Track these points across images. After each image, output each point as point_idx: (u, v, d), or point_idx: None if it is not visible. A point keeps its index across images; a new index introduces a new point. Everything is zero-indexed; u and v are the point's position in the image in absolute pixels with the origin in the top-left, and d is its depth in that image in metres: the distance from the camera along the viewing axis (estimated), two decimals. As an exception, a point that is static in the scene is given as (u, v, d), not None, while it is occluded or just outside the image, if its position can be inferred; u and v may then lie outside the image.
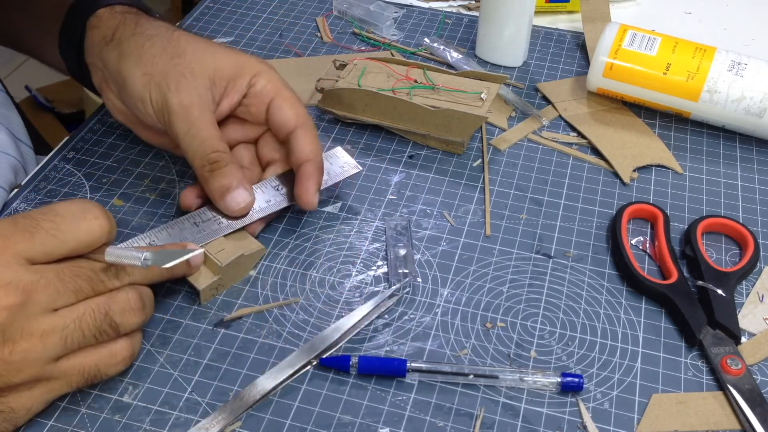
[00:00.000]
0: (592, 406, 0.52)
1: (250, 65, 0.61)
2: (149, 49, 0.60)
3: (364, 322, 0.55)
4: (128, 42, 0.60)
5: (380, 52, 0.81)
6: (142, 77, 0.59)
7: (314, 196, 0.59)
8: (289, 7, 0.89)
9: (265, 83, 0.61)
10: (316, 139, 0.61)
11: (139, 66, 0.59)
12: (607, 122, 0.74)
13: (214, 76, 0.60)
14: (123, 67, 0.60)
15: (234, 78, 0.61)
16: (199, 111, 0.58)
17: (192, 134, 0.57)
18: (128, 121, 0.64)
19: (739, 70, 0.69)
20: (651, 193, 0.67)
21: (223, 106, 0.61)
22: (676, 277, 0.58)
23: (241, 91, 0.61)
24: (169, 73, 0.58)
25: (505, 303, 0.58)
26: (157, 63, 0.59)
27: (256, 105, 0.61)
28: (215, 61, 0.60)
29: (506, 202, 0.66)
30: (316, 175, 0.59)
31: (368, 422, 0.50)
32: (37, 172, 0.67)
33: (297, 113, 0.61)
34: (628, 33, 0.72)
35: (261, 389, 0.51)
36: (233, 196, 0.57)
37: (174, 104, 0.57)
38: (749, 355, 0.55)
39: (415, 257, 0.61)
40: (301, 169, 0.59)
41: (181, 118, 0.57)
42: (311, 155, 0.60)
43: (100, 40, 0.62)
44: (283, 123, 0.61)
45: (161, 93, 0.58)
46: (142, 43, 0.60)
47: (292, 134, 0.60)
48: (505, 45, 0.80)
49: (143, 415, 0.50)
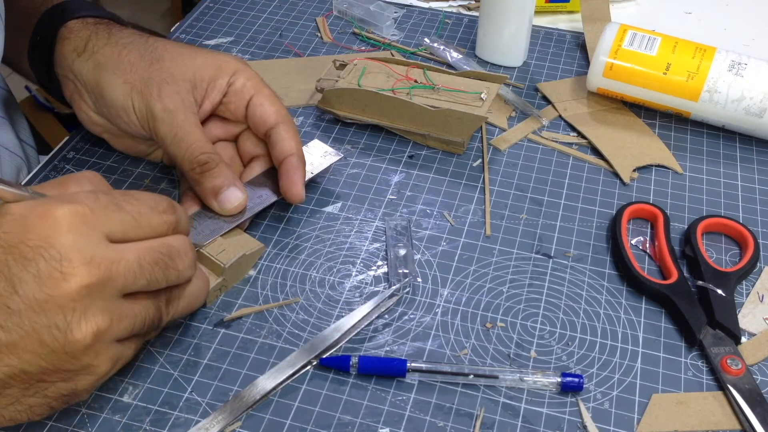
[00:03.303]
0: (592, 406, 0.52)
1: (228, 65, 0.62)
2: (126, 56, 0.60)
3: (364, 322, 0.56)
4: (102, 52, 0.60)
5: (380, 52, 0.81)
6: (123, 86, 0.59)
7: (301, 189, 0.60)
8: (289, 7, 0.89)
9: (244, 81, 0.62)
10: (296, 134, 0.61)
11: (118, 74, 0.59)
12: (607, 122, 0.74)
13: (194, 79, 0.60)
14: (101, 77, 0.60)
15: (214, 79, 0.61)
16: (184, 115, 0.58)
17: (179, 138, 0.58)
18: (104, 132, 0.64)
19: (739, 70, 0.69)
20: (651, 193, 0.67)
21: (205, 107, 0.61)
22: (676, 277, 0.58)
23: (222, 91, 0.62)
24: (151, 80, 0.59)
25: (505, 303, 0.58)
26: (137, 70, 0.59)
27: (235, 102, 0.62)
28: (194, 64, 0.61)
29: (506, 202, 0.66)
30: (300, 168, 0.60)
31: (368, 422, 0.50)
32: (38, 172, 0.67)
33: (277, 110, 0.61)
34: (628, 33, 0.72)
35: (261, 389, 0.51)
36: (226, 196, 0.58)
37: (158, 110, 0.58)
38: (749, 355, 0.55)
39: (415, 257, 0.61)
40: (285, 163, 0.60)
41: (167, 124, 0.58)
42: (294, 149, 0.60)
43: (71, 51, 0.62)
44: (264, 119, 0.61)
45: (144, 100, 0.58)
46: (118, 51, 0.60)
47: (273, 130, 0.61)
48: (505, 45, 0.80)
49: (143, 415, 0.50)
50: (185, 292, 0.50)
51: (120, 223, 0.45)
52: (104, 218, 0.45)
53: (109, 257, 0.44)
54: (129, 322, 0.45)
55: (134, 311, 0.45)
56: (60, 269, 0.42)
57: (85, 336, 0.43)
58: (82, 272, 0.42)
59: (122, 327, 0.45)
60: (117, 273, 0.44)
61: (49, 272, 0.42)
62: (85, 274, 0.42)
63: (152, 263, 0.46)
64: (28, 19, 0.66)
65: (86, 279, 0.42)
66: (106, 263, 0.43)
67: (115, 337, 0.45)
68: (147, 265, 0.45)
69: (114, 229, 0.45)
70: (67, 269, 0.42)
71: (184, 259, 0.48)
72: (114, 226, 0.45)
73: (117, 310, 0.44)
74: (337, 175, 0.68)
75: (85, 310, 0.43)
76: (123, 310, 0.45)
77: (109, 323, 0.44)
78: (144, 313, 0.46)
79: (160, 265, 0.46)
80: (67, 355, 0.43)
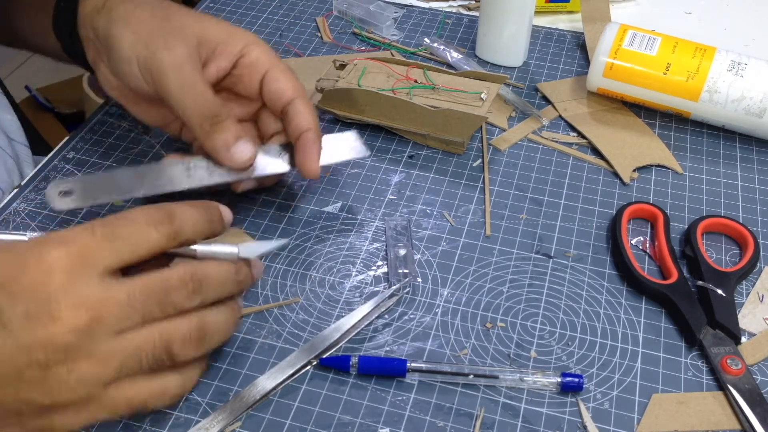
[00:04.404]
0: (592, 406, 0.52)
1: (241, 34, 0.61)
2: (139, 14, 0.59)
3: (364, 322, 0.56)
4: (117, 8, 0.60)
5: (380, 52, 0.81)
6: (130, 36, 0.58)
7: (316, 163, 0.59)
8: (289, 7, 0.89)
9: (259, 54, 0.60)
10: (313, 110, 0.60)
11: (127, 28, 0.58)
12: (607, 122, 0.74)
13: (202, 37, 0.59)
14: (111, 30, 0.59)
15: (223, 42, 0.60)
16: (191, 67, 0.57)
17: (186, 90, 0.56)
18: (121, 96, 0.63)
19: (739, 70, 0.69)
20: (651, 193, 0.67)
21: (210, 69, 0.60)
22: (676, 277, 0.58)
23: (230, 59, 0.60)
24: (158, 33, 0.58)
25: (505, 303, 0.58)
26: (146, 25, 0.58)
27: (249, 76, 0.61)
28: (204, 25, 0.60)
29: (506, 202, 0.66)
30: (317, 143, 0.59)
31: (368, 422, 0.50)
32: (38, 172, 0.67)
33: (294, 85, 0.60)
34: (628, 33, 0.72)
35: (261, 389, 0.51)
36: (239, 147, 0.57)
37: (165, 62, 0.57)
38: (749, 355, 0.55)
39: (415, 257, 0.61)
40: (302, 137, 0.59)
41: (174, 76, 0.56)
42: (311, 124, 0.59)
43: (92, 9, 0.62)
44: (281, 94, 0.60)
45: (150, 51, 0.57)
46: (132, 8, 0.60)
47: (290, 105, 0.60)
48: (505, 45, 0.80)
49: (143, 415, 0.50)
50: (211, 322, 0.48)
51: (116, 253, 0.45)
52: (99, 254, 0.45)
53: (100, 298, 0.44)
54: (118, 361, 0.45)
55: (127, 349, 0.45)
56: (49, 312, 0.43)
57: (68, 380, 0.43)
58: (69, 315, 0.43)
59: (108, 367, 0.44)
60: (107, 314, 0.44)
61: (38, 314, 0.43)
62: (72, 317, 0.43)
63: (144, 299, 0.45)
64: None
65: (73, 322, 0.43)
66: (95, 305, 0.43)
67: (97, 379, 0.44)
68: (138, 302, 0.45)
69: (110, 262, 0.45)
70: (55, 312, 0.43)
71: (180, 291, 0.46)
72: (110, 259, 0.45)
73: (104, 349, 0.44)
74: (337, 175, 0.68)
75: (72, 354, 0.43)
76: (110, 348, 0.44)
77: (92, 365, 0.44)
78: (142, 346, 0.45)
79: (154, 299, 0.45)
80: (48, 394, 0.44)
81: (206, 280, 0.48)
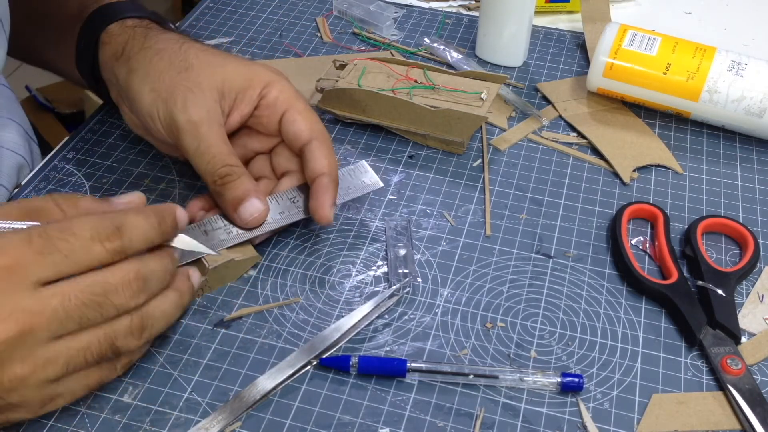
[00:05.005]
0: (592, 406, 0.52)
1: (260, 76, 0.60)
2: (157, 63, 0.59)
3: (364, 322, 0.56)
4: (136, 58, 0.60)
5: (380, 52, 0.81)
6: (150, 93, 0.58)
7: (330, 211, 0.57)
8: (289, 7, 0.89)
9: (277, 94, 0.60)
10: (331, 152, 0.59)
11: (147, 82, 0.59)
12: (607, 122, 0.74)
13: (222, 89, 0.59)
14: (132, 83, 0.60)
15: (244, 89, 0.60)
16: (208, 126, 0.57)
17: (201, 151, 0.57)
18: (146, 135, 0.64)
19: (739, 70, 0.69)
20: (651, 193, 0.67)
21: (233, 118, 0.60)
22: (676, 277, 0.58)
23: (252, 103, 0.60)
24: (176, 89, 0.58)
25: (505, 303, 0.58)
26: (164, 79, 0.58)
27: (267, 116, 0.60)
28: (224, 72, 0.59)
29: (506, 202, 0.66)
30: (331, 189, 0.58)
31: (368, 422, 0.50)
32: (38, 172, 0.67)
33: (311, 126, 0.59)
34: (628, 33, 0.72)
35: (261, 389, 0.51)
36: (246, 207, 0.57)
37: (182, 121, 0.57)
38: (749, 355, 0.55)
39: (415, 257, 0.61)
40: (316, 182, 0.58)
41: (190, 135, 0.57)
42: (326, 169, 0.58)
43: (111, 56, 0.62)
44: (297, 136, 0.59)
45: (168, 110, 0.57)
46: (150, 57, 0.60)
47: (306, 147, 0.59)
48: (505, 45, 0.80)
49: (143, 415, 0.50)
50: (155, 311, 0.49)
51: (52, 266, 0.45)
52: (33, 265, 0.45)
53: (30, 309, 0.44)
54: (62, 363, 0.46)
55: (69, 351, 0.46)
56: None
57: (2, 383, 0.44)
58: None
59: (50, 370, 0.45)
60: (39, 323, 0.44)
61: None
62: (1, 330, 0.43)
63: (80, 305, 0.45)
64: (73, 27, 0.66)
65: (2, 335, 0.43)
66: (25, 316, 0.44)
67: (43, 380, 0.46)
68: (74, 308, 0.45)
69: (45, 274, 0.45)
70: None
71: (123, 292, 0.46)
72: (44, 271, 0.45)
73: (43, 355, 0.45)
74: (337, 175, 0.68)
75: (4, 362, 0.44)
76: (50, 353, 0.45)
77: (31, 370, 0.45)
78: (87, 347, 0.46)
79: (91, 305, 0.46)
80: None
81: (151, 275, 0.48)
